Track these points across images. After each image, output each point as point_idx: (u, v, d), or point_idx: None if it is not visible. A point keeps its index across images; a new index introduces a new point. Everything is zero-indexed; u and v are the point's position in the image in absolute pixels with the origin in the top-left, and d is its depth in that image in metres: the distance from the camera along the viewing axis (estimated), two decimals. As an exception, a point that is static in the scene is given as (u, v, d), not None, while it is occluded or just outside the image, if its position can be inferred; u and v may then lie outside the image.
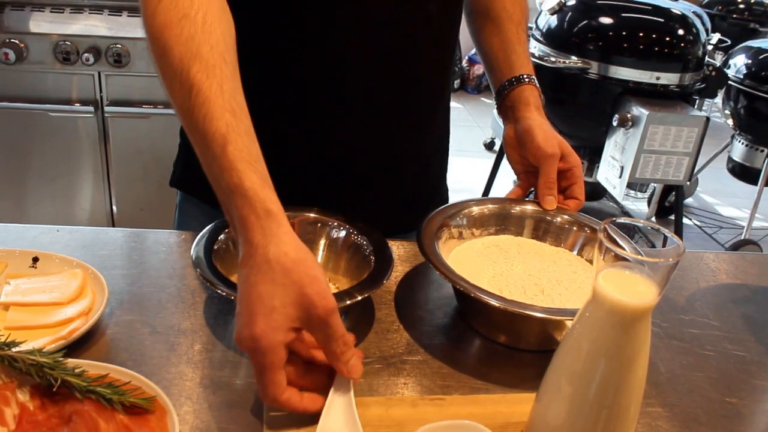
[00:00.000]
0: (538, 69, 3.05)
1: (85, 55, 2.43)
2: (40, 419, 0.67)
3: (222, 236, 0.87)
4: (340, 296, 0.80)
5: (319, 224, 0.93)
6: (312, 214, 0.94)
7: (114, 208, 2.75)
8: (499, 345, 0.88)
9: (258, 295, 0.65)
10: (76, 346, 0.78)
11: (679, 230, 3.07)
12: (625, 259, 0.61)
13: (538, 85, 1.10)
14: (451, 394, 0.78)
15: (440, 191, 1.22)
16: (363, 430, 0.67)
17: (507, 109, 1.10)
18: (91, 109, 2.57)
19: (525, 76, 1.08)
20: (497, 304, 0.79)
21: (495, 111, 1.19)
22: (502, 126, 1.12)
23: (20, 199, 2.74)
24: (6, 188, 2.72)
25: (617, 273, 0.61)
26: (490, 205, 1.00)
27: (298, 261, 0.67)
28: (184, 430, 0.69)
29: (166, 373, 0.76)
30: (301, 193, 0.98)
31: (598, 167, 3.03)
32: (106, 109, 2.58)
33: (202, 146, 0.73)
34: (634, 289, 0.60)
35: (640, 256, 0.58)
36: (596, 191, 3.19)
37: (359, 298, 0.79)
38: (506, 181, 4.01)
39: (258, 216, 0.68)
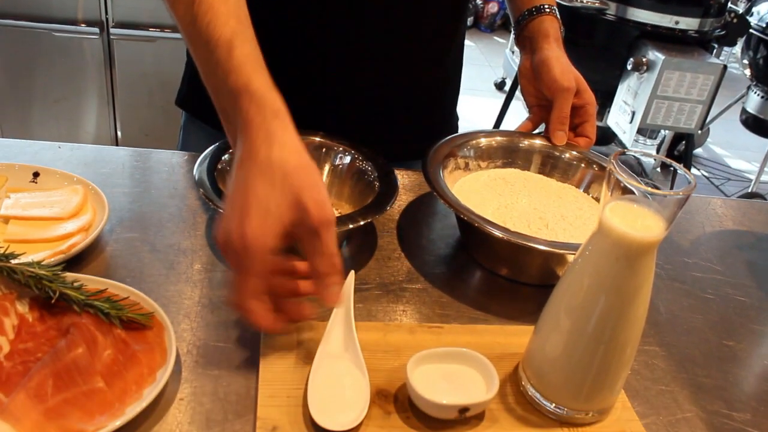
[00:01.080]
0: (554, 8, 2.98)
1: (92, -27, 2.39)
2: (38, 330, 0.67)
3: (225, 156, 0.86)
4: (342, 220, 0.79)
5: (324, 149, 0.92)
6: (317, 138, 0.92)
7: (118, 132, 2.74)
8: (501, 277, 0.88)
9: (255, 196, 0.62)
10: (76, 261, 0.77)
11: (675, 177, 3.05)
12: (632, 193, 0.59)
13: (558, 16, 1.07)
14: (449, 323, 0.78)
15: (450, 122, 1.21)
16: (361, 353, 0.67)
17: (525, 40, 1.07)
18: (96, 30, 2.53)
19: (546, 6, 1.05)
20: (500, 235, 0.78)
21: (507, 50, 1.16)
22: (518, 58, 1.09)
23: (24, 120, 2.73)
24: (11, 108, 2.70)
25: (624, 206, 0.60)
26: (498, 138, 0.98)
27: (299, 166, 0.64)
28: (181, 346, 0.69)
29: (165, 291, 0.76)
30: (309, 116, 0.97)
31: (609, 111, 2.99)
32: (112, 30, 2.55)
33: (206, 52, 0.70)
34: (640, 222, 0.58)
35: (650, 188, 0.56)
36: (606, 136, 3.15)
37: (362, 222, 0.78)
38: (516, 122, 3.97)
39: (264, 117, 0.65)
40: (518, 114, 4.07)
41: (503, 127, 3.41)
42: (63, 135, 2.73)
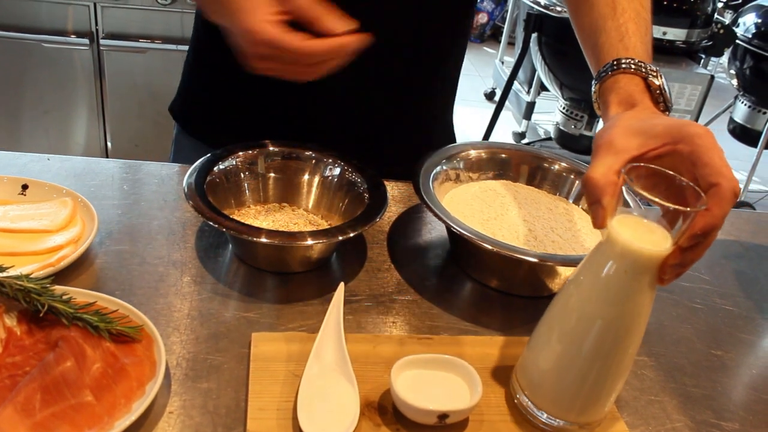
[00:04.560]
0: (543, 19, 3.01)
1: (81, -15, 2.38)
2: (26, 344, 0.66)
3: (215, 168, 0.86)
4: (332, 232, 0.79)
5: (314, 161, 0.92)
6: (308, 152, 0.92)
7: (108, 143, 2.73)
8: (491, 289, 0.88)
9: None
10: (65, 274, 0.77)
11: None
12: (629, 206, 0.60)
13: (637, 63, 0.76)
14: (439, 334, 0.78)
15: (448, 140, 1.21)
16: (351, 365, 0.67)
17: (600, 112, 0.81)
18: (86, 41, 2.53)
19: (612, 65, 0.77)
20: (490, 247, 0.78)
21: (497, 61, 1.13)
22: (508, 69, 1.09)
23: (13, 132, 2.72)
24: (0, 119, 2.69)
25: (632, 219, 0.60)
26: (489, 149, 0.99)
27: None
28: (170, 359, 0.69)
29: (155, 304, 0.76)
30: (303, 133, 0.97)
31: (598, 121, 3.01)
32: (102, 41, 2.54)
33: None
34: (648, 236, 0.58)
35: (666, 203, 0.56)
36: (595, 146, 3.16)
37: (351, 234, 0.78)
38: (505, 132, 3.99)
39: None
40: (508, 124, 4.08)
41: (493, 137, 3.43)
42: (52, 146, 2.72)
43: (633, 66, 0.75)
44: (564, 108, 3.18)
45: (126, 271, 0.81)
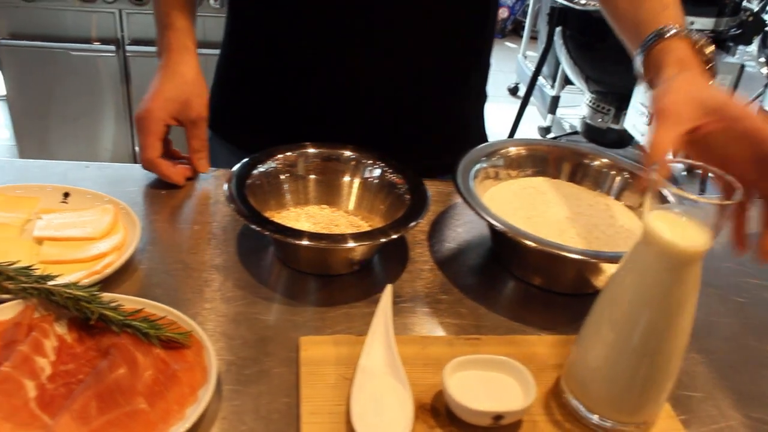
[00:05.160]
0: (567, 12, 2.98)
1: (106, -8, 2.40)
2: (78, 352, 0.66)
3: (255, 171, 0.86)
4: (374, 234, 0.78)
5: (353, 162, 0.92)
6: (347, 152, 0.92)
7: (137, 148, 2.75)
8: (533, 287, 0.87)
9: (162, 89, 0.97)
10: (110, 281, 0.77)
11: (705, 181, 3.03)
12: (667, 201, 0.59)
13: (685, 30, 0.79)
14: (485, 334, 0.77)
15: (481, 134, 1.20)
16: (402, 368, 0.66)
17: (646, 78, 0.83)
18: (112, 48, 2.55)
19: (664, 30, 0.79)
20: (533, 245, 0.77)
21: (519, 56, 1.11)
22: (532, 63, 1.08)
23: (43, 139, 2.75)
24: (29, 128, 2.72)
25: (669, 215, 0.59)
26: (528, 146, 0.97)
27: (195, 80, 0.99)
28: (219, 365, 0.68)
29: (200, 309, 0.76)
30: (337, 130, 0.97)
31: (625, 114, 2.98)
32: (127, 48, 2.56)
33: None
34: (686, 232, 0.57)
35: (704, 198, 0.55)
36: (622, 139, 3.14)
37: (394, 236, 0.78)
38: (530, 126, 3.96)
39: (179, 47, 1.00)
40: (533, 119, 4.06)
41: (519, 133, 3.40)
42: (81, 153, 2.74)
43: (684, 33, 0.78)
44: (590, 101, 3.15)
45: (170, 276, 0.81)
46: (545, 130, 3.90)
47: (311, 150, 0.91)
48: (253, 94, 1.09)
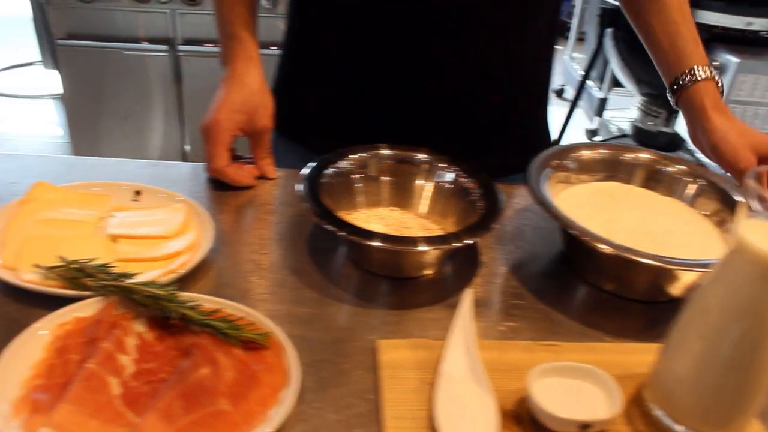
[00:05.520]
0: (618, 13, 2.94)
1: (160, -8, 2.43)
2: (158, 350, 0.67)
3: (327, 171, 0.86)
4: (449, 239, 0.78)
5: (426, 165, 0.91)
6: (421, 155, 0.91)
7: (187, 147, 2.78)
8: (605, 293, 0.85)
9: (229, 99, 0.97)
10: (183, 281, 0.77)
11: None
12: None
13: (712, 71, 0.97)
14: (560, 340, 0.76)
15: (546, 136, 1.18)
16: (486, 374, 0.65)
17: (683, 110, 1.00)
18: (164, 47, 2.57)
19: (697, 71, 0.96)
20: (609, 250, 0.76)
21: (565, 57, 1.10)
22: (579, 66, 1.07)
23: (94, 137, 2.79)
24: (82, 126, 2.76)
25: (762, 224, 0.57)
26: (601, 150, 0.96)
27: (261, 90, 1.00)
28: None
29: (276, 310, 0.75)
30: (403, 132, 0.96)
31: (676, 117, 2.93)
32: (180, 47, 2.58)
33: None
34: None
35: None
36: (674, 142, 3.09)
37: (469, 241, 0.77)
38: (577, 129, 3.92)
39: (244, 57, 1.00)
40: (579, 121, 4.01)
41: (567, 136, 3.36)
42: (131, 151, 2.78)
43: (713, 74, 0.96)
44: (641, 104, 3.10)
45: (242, 277, 0.81)
46: (592, 133, 3.85)
47: (385, 151, 0.91)
48: (318, 93, 1.09)
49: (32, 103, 4.04)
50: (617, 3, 2.92)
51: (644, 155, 0.97)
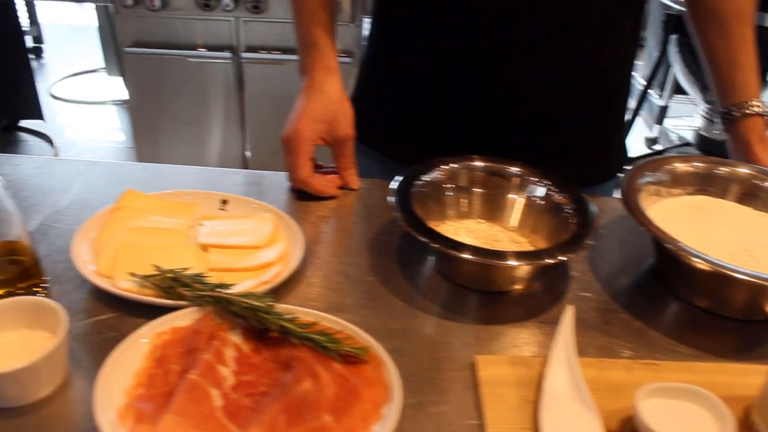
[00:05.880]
0: (683, 19, 2.87)
1: (225, 1, 2.46)
2: (255, 362, 0.66)
3: (418, 182, 0.85)
4: (541, 255, 0.76)
5: (517, 178, 0.90)
6: (513, 168, 0.90)
7: (248, 153, 2.80)
8: (699, 309, 0.83)
9: (309, 108, 0.97)
10: (274, 291, 0.77)
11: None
12: None
13: (762, 106, 1.02)
14: (658, 358, 0.74)
15: (621, 143, 1.16)
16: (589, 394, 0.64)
17: (730, 138, 1.07)
18: (228, 54, 2.60)
19: (748, 106, 1.02)
20: (707, 267, 0.73)
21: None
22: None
23: (155, 142, 2.83)
24: (144, 132, 2.81)
25: None
26: (697, 163, 0.93)
27: (340, 99, 0.99)
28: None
29: (370, 322, 0.74)
30: (485, 142, 0.95)
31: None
32: (242, 54, 2.61)
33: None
34: None
35: None
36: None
37: (562, 258, 0.75)
38: (636, 137, 3.85)
39: (322, 66, 1.00)
40: (638, 129, 3.94)
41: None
42: (192, 156, 2.82)
43: (763, 109, 1.02)
44: (706, 112, 3.03)
45: (334, 288, 0.80)
46: (651, 141, 3.78)
47: (476, 163, 0.90)
48: (398, 102, 1.08)
49: (95, 109, 4.13)
50: (684, 9, 2.84)
51: (742, 170, 0.94)
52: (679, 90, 3.40)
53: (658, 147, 3.73)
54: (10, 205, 0.71)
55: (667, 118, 3.72)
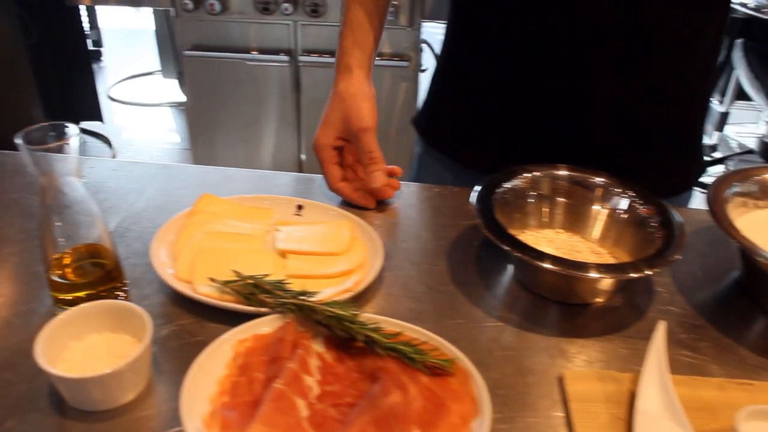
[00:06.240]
0: (751, 22, 2.82)
1: (284, 5, 2.47)
2: (339, 372, 0.66)
3: (499, 190, 0.83)
4: (625, 268, 0.74)
5: (601, 189, 0.88)
6: (596, 178, 0.88)
7: (303, 156, 2.81)
8: (788, 327, 0.80)
9: (326, 115, 0.98)
10: (355, 299, 0.76)
11: None
12: None
13: None
14: (750, 376, 0.71)
15: (700, 152, 1.12)
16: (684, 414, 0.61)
17: None
18: (285, 58, 2.61)
19: None
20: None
21: None
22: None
23: (211, 144, 2.86)
24: (201, 134, 2.84)
25: None
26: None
27: (351, 95, 0.96)
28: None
29: (454, 334, 0.73)
30: (557, 152, 0.93)
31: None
32: (300, 58, 2.62)
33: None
34: None
35: None
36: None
37: (647, 273, 0.72)
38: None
39: (341, 69, 0.99)
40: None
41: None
42: (247, 159, 2.84)
43: None
44: (771, 119, 2.96)
45: (413, 297, 0.79)
46: (711, 149, 3.69)
47: (560, 172, 0.88)
48: (471, 108, 1.06)
49: (151, 111, 4.19)
50: (751, 12, 2.77)
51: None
52: (740, 96, 3.31)
53: (717, 155, 3.64)
54: (94, 207, 0.72)
55: (727, 124, 3.63)
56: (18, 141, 0.64)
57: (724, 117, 3.58)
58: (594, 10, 0.90)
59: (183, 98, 3.96)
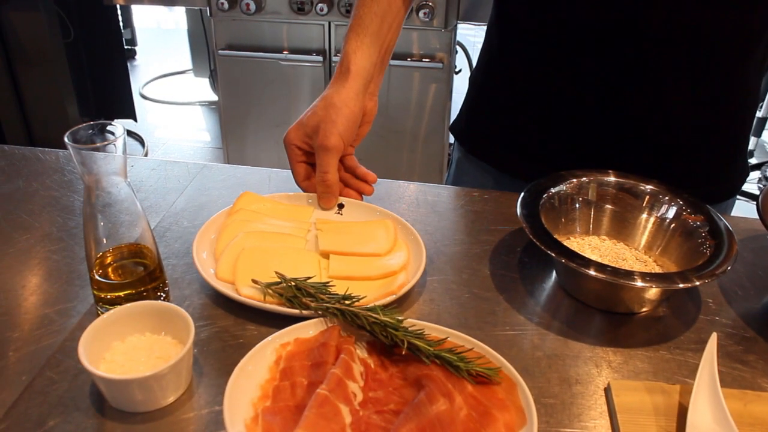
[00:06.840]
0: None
1: (319, 5, 2.46)
2: (382, 378, 0.65)
3: (546, 194, 0.82)
4: (673, 278, 0.72)
5: (648, 197, 0.86)
6: (645, 186, 0.86)
7: (334, 157, 2.80)
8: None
9: (304, 115, 0.94)
10: (398, 303, 0.76)
11: None
12: None
13: None
14: (802, 393, 0.69)
15: (744, 158, 1.10)
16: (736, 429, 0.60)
17: None
18: (319, 58, 2.61)
19: None
20: None
21: None
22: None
23: (243, 144, 2.86)
24: (233, 133, 2.84)
25: None
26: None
27: (329, 105, 0.91)
28: (527, 404, 0.65)
29: (498, 342, 0.72)
30: (597, 158, 0.92)
31: None
32: (333, 58, 2.61)
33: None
34: None
35: None
36: None
37: (696, 283, 0.71)
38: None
39: (338, 73, 0.94)
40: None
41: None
42: (279, 158, 2.83)
43: None
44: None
45: (456, 302, 0.78)
46: (748, 154, 3.63)
47: (607, 178, 0.86)
48: (511, 113, 1.05)
49: (183, 110, 4.22)
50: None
51: None
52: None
53: (753, 161, 3.58)
54: (138, 207, 0.72)
55: (765, 130, 3.57)
56: (66, 140, 0.64)
57: (762, 123, 3.52)
58: (652, 16, 0.88)
59: (214, 97, 3.99)
